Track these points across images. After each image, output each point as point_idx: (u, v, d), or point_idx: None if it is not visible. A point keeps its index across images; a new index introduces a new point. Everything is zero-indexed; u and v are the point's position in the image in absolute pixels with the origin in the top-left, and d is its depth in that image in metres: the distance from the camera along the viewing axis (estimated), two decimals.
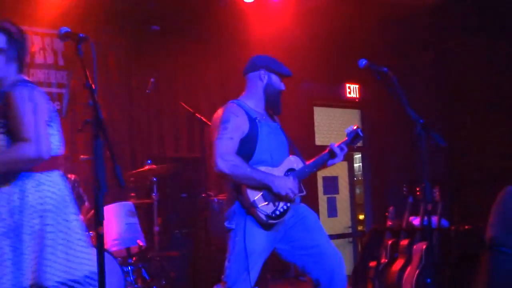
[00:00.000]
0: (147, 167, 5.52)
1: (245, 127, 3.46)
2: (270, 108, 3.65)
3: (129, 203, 5.29)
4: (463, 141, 7.63)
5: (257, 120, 3.50)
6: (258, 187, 3.36)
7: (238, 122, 3.44)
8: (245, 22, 7.07)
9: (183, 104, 5.92)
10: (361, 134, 3.68)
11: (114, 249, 4.97)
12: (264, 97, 3.61)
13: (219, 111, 3.52)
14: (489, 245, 4.20)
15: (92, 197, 5.18)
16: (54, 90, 6.33)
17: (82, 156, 5.36)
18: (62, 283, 2.95)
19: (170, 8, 6.51)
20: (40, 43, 6.29)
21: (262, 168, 3.41)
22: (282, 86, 3.67)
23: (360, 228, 8.92)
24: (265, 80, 3.61)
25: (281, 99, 3.68)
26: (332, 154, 3.63)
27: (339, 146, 3.63)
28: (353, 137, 3.68)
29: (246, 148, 3.44)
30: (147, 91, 5.78)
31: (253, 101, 3.61)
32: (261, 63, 3.63)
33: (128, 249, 5.10)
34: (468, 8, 7.03)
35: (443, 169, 7.57)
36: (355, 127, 3.69)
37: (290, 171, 3.53)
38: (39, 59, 6.26)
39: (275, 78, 3.64)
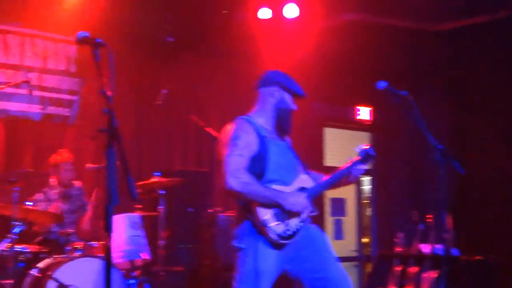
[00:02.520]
0: (154, 179, 5.43)
1: (255, 145, 3.36)
2: (279, 127, 3.54)
3: (136, 215, 5.19)
4: (474, 169, 7.53)
5: (266, 139, 3.40)
6: (269, 205, 3.26)
7: (248, 139, 3.35)
8: (259, 39, 7.04)
9: (193, 117, 5.85)
10: (372, 153, 3.60)
11: (118, 261, 4.86)
12: (274, 115, 3.52)
13: (229, 128, 3.42)
14: None
15: (98, 207, 5.17)
16: (64, 96, 6.29)
17: (88, 165, 5.26)
18: None
19: (185, 21, 6.47)
20: (53, 49, 6.24)
21: (274, 187, 3.32)
22: (293, 106, 3.58)
23: (366, 251, 8.79)
24: (277, 97, 3.51)
25: (291, 119, 3.58)
26: (353, 170, 3.55)
27: (356, 165, 3.55)
28: (365, 156, 3.59)
29: (257, 167, 3.34)
30: (158, 102, 5.71)
31: (263, 118, 3.51)
32: (275, 79, 3.54)
33: (132, 261, 4.99)
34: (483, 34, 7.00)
35: (453, 197, 7.46)
36: (366, 147, 3.61)
37: (302, 190, 3.43)
38: (51, 64, 6.21)
39: (287, 97, 3.54)
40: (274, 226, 3.26)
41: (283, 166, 3.42)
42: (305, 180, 3.50)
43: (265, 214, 3.26)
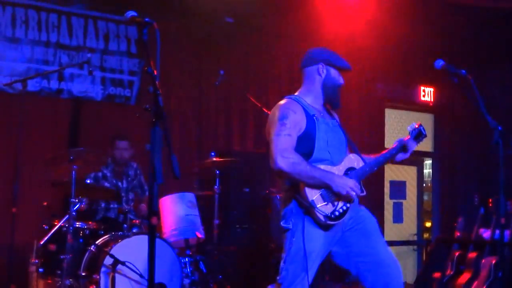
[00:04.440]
0: (211, 159, 5.44)
1: (302, 124, 3.30)
2: (328, 103, 3.47)
3: (191, 194, 5.23)
4: None
5: (314, 117, 3.33)
6: (317, 186, 3.20)
7: (296, 118, 3.28)
8: (320, 20, 6.94)
9: (250, 97, 5.81)
10: (424, 132, 3.54)
11: (172, 239, 4.92)
12: (322, 92, 3.44)
13: (276, 107, 3.37)
14: None
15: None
16: (125, 77, 6.36)
17: (148, 144, 5.29)
18: None
19: (244, 1, 6.41)
20: (115, 30, 6.33)
21: (322, 167, 3.25)
22: (341, 80, 3.48)
23: (426, 236, 8.59)
24: (324, 74, 3.43)
25: (340, 94, 3.49)
26: (403, 148, 3.47)
27: (407, 141, 3.48)
28: (416, 134, 3.53)
29: (304, 146, 3.28)
30: (215, 83, 5.69)
31: (311, 96, 3.44)
32: (319, 56, 3.45)
33: (186, 240, 5.03)
34: None
35: None
36: (417, 125, 3.54)
37: (350, 170, 3.36)
38: (112, 46, 6.30)
39: (334, 72, 3.44)
40: (322, 206, 3.20)
41: (331, 145, 3.35)
42: (353, 159, 3.41)
43: (313, 195, 3.20)
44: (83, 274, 4.45)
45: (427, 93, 8.48)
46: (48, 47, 5.95)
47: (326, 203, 3.21)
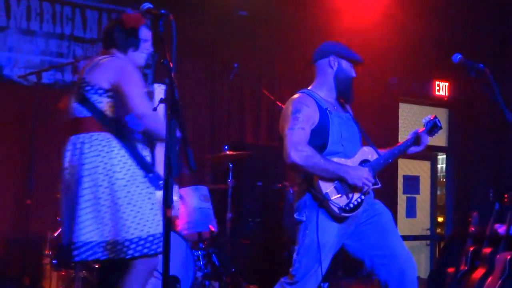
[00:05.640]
0: (224, 152, 5.42)
1: (315, 117, 3.31)
2: (341, 96, 3.48)
3: (204, 187, 5.22)
4: None
5: (327, 111, 3.34)
6: (331, 178, 3.21)
7: (309, 112, 3.30)
8: (334, 13, 6.90)
9: (264, 91, 5.79)
10: (439, 124, 3.53)
11: (185, 232, 4.92)
12: (335, 85, 3.44)
13: (289, 102, 3.39)
14: None
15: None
16: None
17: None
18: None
19: None
20: None
21: (335, 159, 3.26)
22: (353, 73, 3.48)
23: (439, 231, 8.54)
24: (335, 67, 3.43)
25: (353, 86, 3.49)
26: (417, 141, 3.47)
27: (422, 133, 3.48)
28: (431, 127, 3.52)
29: (318, 140, 3.29)
30: (230, 77, 5.67)
31: (324, 90, 3.45)
32: (330, 49, 3.45)
33: (199, 233, 5.03)
34: None
35: None
36: (432, 117, 3.53)
37: (365, 162, 3.36)
38: None
39: (345, 64, 3.44)
40: (336, 199, 3.21)
41: (345, 138, 3.36)
42: (367, 152, 3.41)
43: (327, 187, 3.21)
44: (97, 266, 4.45)
45: (441, 88, 8.41)
46: (62, 39, 5.96)
47: (340, 195, 3.22)
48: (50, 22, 5.89)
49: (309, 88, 3.48)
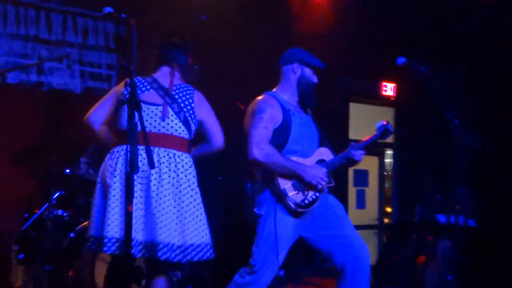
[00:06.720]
0: None
1: (279, 118, 3.37)
2: (303, 101, 3.53)
3: None
4: (498, 143, 7.29)
5: (290, 112, 3.40)
6: (289, 176, 3.27)
7: (273, 113, 3.35)
8: (289, 15, 6.90)
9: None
10: (390, 129, 3.56)
11: None
12: (297, 90, 3.50)
13: (255, 102, 3.43)
14: None
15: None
16: (103, 71, 6.26)
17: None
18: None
19: None
20: (93, 26, 6.21)
21: (294, 158, 3.32)
22: (315, 79, 3.54)
23: (386, 221, 8.68)
24: (298, 73, 3.49)
25: (314, 92, 3.55)
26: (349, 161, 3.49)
27: (360, 147, 3.47)
28: (383, 131, 3.55)
29: (279, 138, 3.34)
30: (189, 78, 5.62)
31: (287, 94, 3.51)
32: (295, 56, 3.52)
33: None
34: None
35: (475, 170, 7.28)
36: (385, 122, 3.56)
37: (321, 162, 3.43)
38: (91, 41, 6.19)
39: (308, 71, 3.51)
40: (293, 195, 3.27)
41: (304, 138, 3.41)
42: (323, 152, 3.48)
43: (285, 184, 3.26)
44: (62, 260, 4.37)
45: (388, 88, 8.53)
46: (27, 41, 5.81)
47: (297, 192, 3.27)
48: (14, 24, 5.74)
49: (273, 90, 3.53)
